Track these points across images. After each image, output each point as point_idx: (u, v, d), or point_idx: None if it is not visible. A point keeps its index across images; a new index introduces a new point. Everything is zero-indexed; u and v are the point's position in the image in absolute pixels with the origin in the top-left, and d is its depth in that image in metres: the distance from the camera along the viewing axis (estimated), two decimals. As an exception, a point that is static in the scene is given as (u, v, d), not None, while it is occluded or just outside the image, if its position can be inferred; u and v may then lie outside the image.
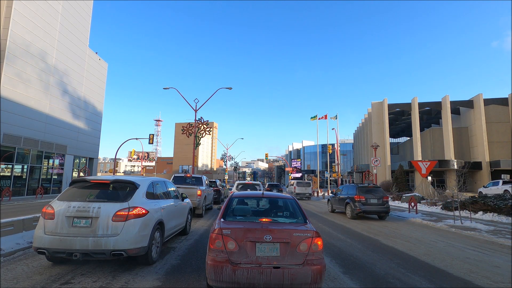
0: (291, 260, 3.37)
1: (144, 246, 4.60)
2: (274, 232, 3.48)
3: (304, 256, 3.40)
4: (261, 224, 3.70)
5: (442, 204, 15.28)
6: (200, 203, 11.60)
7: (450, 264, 5.61)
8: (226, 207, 4.26)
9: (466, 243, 7.71)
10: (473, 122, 40.38)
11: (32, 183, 22.51)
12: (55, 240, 4.26)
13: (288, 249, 3.41)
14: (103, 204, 4.52)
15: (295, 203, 4.48)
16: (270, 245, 3.42)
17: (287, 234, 3.48)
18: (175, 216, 6.48)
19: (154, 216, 5.06)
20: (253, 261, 3.36)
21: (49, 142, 23.60)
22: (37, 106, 22.15)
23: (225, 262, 3.35)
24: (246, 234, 3.47)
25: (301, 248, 3.42)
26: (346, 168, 77.26)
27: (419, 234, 9.05)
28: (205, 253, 4.88)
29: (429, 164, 23.35)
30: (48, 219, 4.42)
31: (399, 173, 28.28)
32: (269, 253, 3.40)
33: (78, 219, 4.38)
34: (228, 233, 3.47)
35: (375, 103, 45.78)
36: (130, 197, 4.78)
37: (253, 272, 3.27)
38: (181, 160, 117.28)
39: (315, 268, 3.34)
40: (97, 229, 4.33)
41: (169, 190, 6.74)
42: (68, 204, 4.51)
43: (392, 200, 21.41)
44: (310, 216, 13.49)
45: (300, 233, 3.51)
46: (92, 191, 4.86)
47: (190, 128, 27.10)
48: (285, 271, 3.28)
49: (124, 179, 5.16)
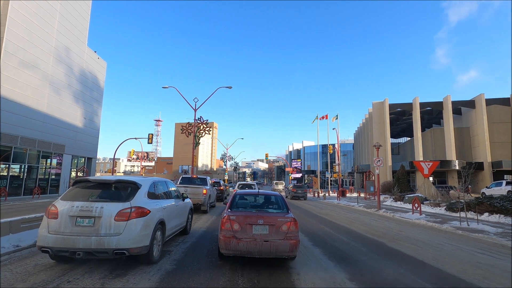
0: (276, 236, 4.86)
1: (146, 245, 4.68)
2: (264, 218, 5.00)
3: (284, 233, 4.90)
4: (256, 212, 5.23)
5: (446, 205, 14.97)
6: (205, 201, 13.03)
7: (461, 269, 5.30)
8: (232, 201, 5.83)
9: (475, 246, 7.40)
10: (474, 122, 40.06)
11: (29, 183, 22.19)
12: (58, 239, 4.33)
13: (274, 229, 4.91)
14: (106, 204, 4.59)
15: (281, 198, 6.07)
16: (262, 227, 4.92)
17: (273, 219, 5.00)
18: (176, 216, 6.52)
19: (156, 216, 5.13)
20: (250, 237, 4.85)
21: (46, 141, 23.28)
22: (35, 105, 21.84)
23: (231, 237, 4.84)
24: (246, 219, 4.97)
25: (283, 229, 4.92)
26: (347, 168, 76.86)
27: (425, 236, 8.74)
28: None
29: (432, 164, 23.02)
30: (52, 218, 4.49)
31: (400, 174, 27.96)
32: (261, 232, 4.90)
33: (81, 219, 4.46)
34: (234, 218, 4.99)
35: (376, 103, 45.46)
36: (132, 197, 4.86)
37: (250, 244, 4.77)
38: (181, 160, 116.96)
39: (292, 242, 4.82)
40: (100, 229, 4.40)
41: (170, 190, 6.76)
42: (72, 203, 4.58)
43: (394, 200, 21.11)
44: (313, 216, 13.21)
45: (283, 219, 5.02)
46: (94, 191, 4.94)
47: (189, 127, 26.79)
48: (271, 243, 4.78)
49: (126, 179, 5.23)
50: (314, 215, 14.25)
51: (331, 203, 23.73)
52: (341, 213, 15.66)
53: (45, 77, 22.89)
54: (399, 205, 19.17)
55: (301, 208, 18.04)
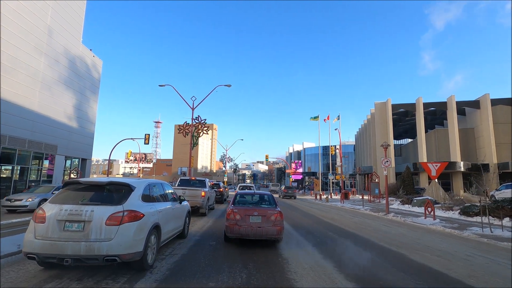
0: (266, 224, 6.63)
1: (139, 251, 4.47)
2: (258, 211, 6.83)
3: (273, 222, 6.68)
4: (252, 207, 7.09)
5: (460, 209, 13.99)
6: (204, 203, 12.75)
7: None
8: (234, 198, 7.78)
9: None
10: (479, 123, 39.16)
11: (19, 185, 21.18)
12: (45, 245, 4.11)
13: (265, 219, 6.67)
14: (97, 207, 4.37)
15: (271, 197, 7.92)
16: (256, 217, 6.68)
17: (265, 212, 6.81)
18: (172, 219, 6.35)
19: (150, 220, 4.93)
20: (248, 224, 6.61)
21: (38, 141, 22.29)
22: (25, 103, 20.85)
23: (234, 225, 6.61)
24: (245, 211, 6.75)
25: (271, 218, 6.70)
26: (348, 170, 75.87)
27: (448, 245, 7.76)
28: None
29: (440, 165, 22.05)
30: (39, 222, 4.27)
31: (406, 175, 26.96)
32: (256, 221, 6.66)
33: (70, 223, 4.25)
34: (236, 211, 6.76)
35: (378, 103, 44.58)
36: (125, 199, 4.65)
37: (248, 229, 6.55)
38: (180, 162, 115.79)
39: (278, 228, 6.65)
40: (89, 233, 4.18)
41: (166, 193, 6.59)
42: (60, 207, 4.36)
43: (402, 203, 20.12)
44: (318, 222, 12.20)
45: (272, 211, 6.84)
46: (85, 193, 4.72)
47: (186, 127, 25.82)
48: (263, 228, 6.56)
49: (119, 181, 5.03)
50: (320, 220, 13.26)
51: (335, 206, 22.73)
52: (347, 217, 14.68)
53: (36, 74, 21.92)
54: (407, 209, 18.19)
55: (304, 211, 17.05)
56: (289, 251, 6.59)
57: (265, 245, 7.07)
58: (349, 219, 13.61)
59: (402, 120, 47.42)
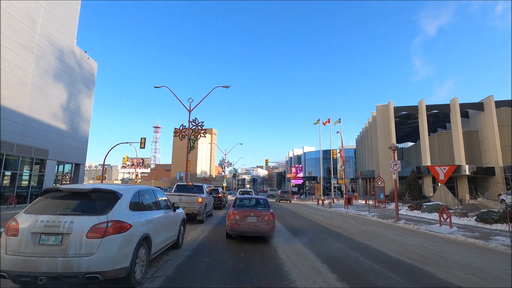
0: (261, 223, 8.13)
1: (125, 267, 4.00)
2: (255, 212, 8.36)
3: (266, 221, 8.19)
4: (250, 209, 8.73)
5: (476, 215, 12.99)
6: (201, 210, 12.23)
7: None
8: (234, 202, 9.29)
9: (560, 278, 5.42)
10: (484, 125, 38.34)
11: (6, 192, 20.12)
12: (17, 262, 3.65)
13: (260, 219, 8.18)
14: (77, 218, 3.90)
15: (266, 201, 9.42)
16: (253, 217, 8.18)
17: (260, 213, 8.34)
18: (164, 229, 5.86)
19: (139, 231, 4.50)
20: (246, 223, 8.10)
21: (27, 145, 21.27)
22: (13, 106, 19.89)
23: (235, 224, 8.11)
24: (243, 213, 8.28)
25: (265, 218, 8.22)
26: (349, 174, 74.81)
27: (478, 260, 6.76)
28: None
29: (448, 169, 21.13)
30: (11, 235, 3.80)
31: (412, 180, 25.95)
32: (253, 220, 8.15)
33: (46, 236, 3.78)
34: (236, 212, 8.29)
35: (380, 106, 43.78)
36: (110, 209, 4.19)
37: (246, 227, 8.04)
38: (179, 167, 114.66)
39: (270, 226, 8.20)
40: (68, 248, 3.71)
41: (158, 200, 6.15)
42: (36, 217, 3.88)
43: (410, 209, 19.09)
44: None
45: (266, 213, 8.39)
46: (66, 202, 4.22)
47: (183, 130, 24.84)
48: (258, 227, 8.07)
49: (104, 188, 4.55)
50: (326, 229, 12.22)
51: (339, 212, 21.66)
52: (355, 225, 13.65)
53: (26, 76, 21.00)
54: (416, 215, 17.16)
55: (307, 218, 16.00)
56: (297, 269, 5.58)
57: (269, 271, 6.06)
58: (358, 228, 12.57)
59: (404, 123, 46.59)
